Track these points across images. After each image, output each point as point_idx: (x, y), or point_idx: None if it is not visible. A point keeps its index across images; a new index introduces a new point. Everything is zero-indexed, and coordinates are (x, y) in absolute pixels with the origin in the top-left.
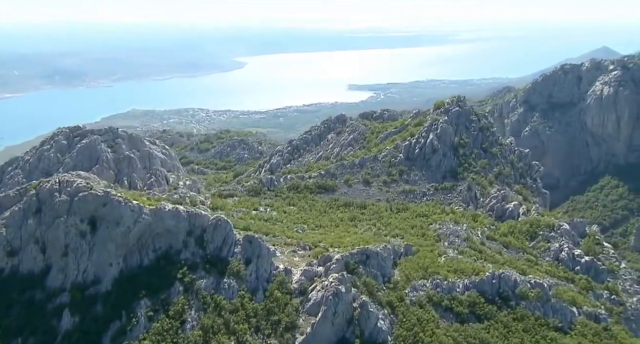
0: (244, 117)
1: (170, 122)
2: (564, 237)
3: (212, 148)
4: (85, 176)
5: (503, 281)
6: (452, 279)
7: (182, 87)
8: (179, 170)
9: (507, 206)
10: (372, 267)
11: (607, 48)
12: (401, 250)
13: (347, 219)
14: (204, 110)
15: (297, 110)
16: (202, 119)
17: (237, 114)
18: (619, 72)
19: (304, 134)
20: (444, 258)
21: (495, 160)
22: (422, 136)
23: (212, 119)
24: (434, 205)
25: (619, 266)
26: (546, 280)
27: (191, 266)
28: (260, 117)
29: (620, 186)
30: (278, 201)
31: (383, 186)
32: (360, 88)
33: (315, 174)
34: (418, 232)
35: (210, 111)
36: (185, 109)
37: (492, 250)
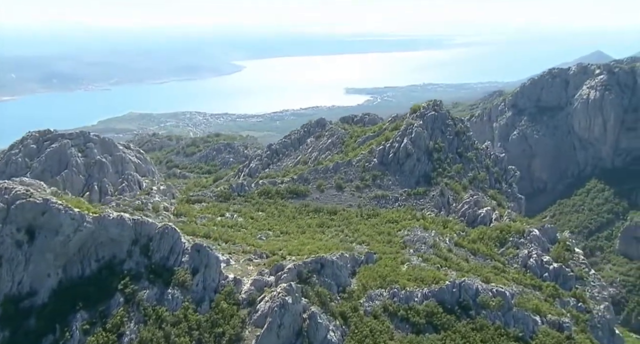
0: (241, 121)
1: (167, 126)
2: (533, 243)
3: (198, 152)
4: (29, 182)
5: (464, 289)
6: (411, 288)
7: (180, 90)
8: (154, 174)
9: (479, 212)
10: (326, 276)
11: (601, 52)
12: (362, 258)
13: (315, 226)
14: (201, 113)
15: (294, 113)
16: (199, 122)
17: (234, 117)
18: (605, 76)
19: (283, 138)
20: (407, 265)
21: (470, 165)
22: (396, 140)
23: (209, 122)
24: (404, 211)
25: (588, 273)
26: (509, 288)
27: (135, 276)
28: (257, 121)
29: (606, 189)
30: (247, 207)
31: (356, 192)
32: (357, 91)
33: (288, 180)
34: (385, 239)
35: (207, 114)
36: (183, 112)
37: (458, 257)
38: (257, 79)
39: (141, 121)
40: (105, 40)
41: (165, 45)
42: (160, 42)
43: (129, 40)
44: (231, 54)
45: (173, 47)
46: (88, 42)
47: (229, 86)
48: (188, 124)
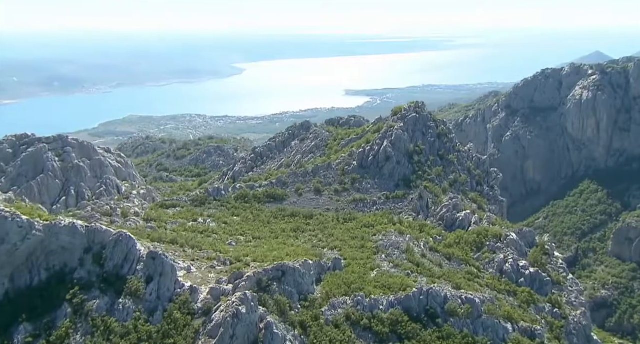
0: (241, 123)
1: (167, 128)
2: (510, 248)
3: (188, 155)
4: None
5: (431, 297)
6: (377, 295)
7: (180, 93)
8: (135, 179)
9: (457, 215)
10: (287, 284)
11: (600, 53)
12: (329, 264)
13: (289, 230)
14: (201, 116)
15: (294, 116)
16: (198, 124)
17: (234, 119)
18: (598, 76)
19: (268, 141)
20: (376, 272)
21: (451, 167)
22: (376, 143)
23: (209, 124)
24: (382, 215)
25: (566, 277)
26: (482, 294)
27: (85, 286)
28: (257, 123)
29: (599, 190)
30: (222, 212)
31: (334, 195)
32: (357, 93)
33: (266, 183)
34: (357, 244)
35: (207, 116)
36: (182, 115)
37: (432, 263)
38: (257, 81)
39: (141, 124)
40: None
41: (165, 48)
42: (161, 45)
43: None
44: (231, 57)
45: (173, 50)
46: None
47: (229, 88)
48: (188, 126)
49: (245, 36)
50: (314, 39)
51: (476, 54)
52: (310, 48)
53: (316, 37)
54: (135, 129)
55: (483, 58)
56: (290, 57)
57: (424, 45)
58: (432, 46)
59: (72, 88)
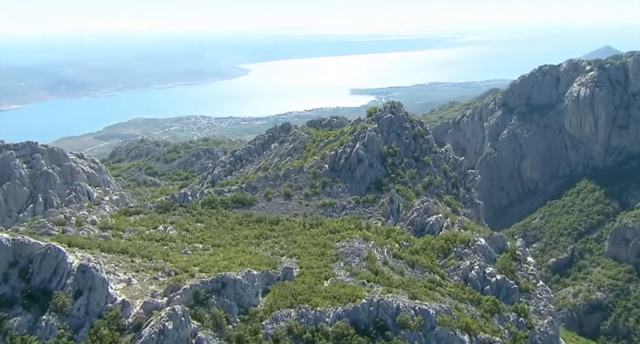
0: (245, 124)
1: (171, 130)
2: (477, 254)
3: (178, 158)
4: None
5: (382, 308)
6: (324, 307)
7: (186, 95)
8: (109, 184)
9: (428, 220)
10: (227, 296)
11: (610, 47)
12: (279, 274)
13: (252, 237)
14: (206, 117)
15: (298, 115)
16: (203, 126)
17: (239, 120)
18: (596, 72)
19: (248, 143)
20: (330, 281)
21: (426, 169)
22: (348, 145)
23: (214, 126)
24: (349, 220)
25: (535, 284)
26: (438, 305)
27: (7, 302)
28: (261, 123)
29: (597, 189)
30: (187, 218)
31: (304, 200)
32: (362, 92)
33: (235, 188)
34: (318, 251)
35: (212, 118)
36: (187, 117)
37: (393, 270)
38: (263, 82)
39: (146, 126)
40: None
41: (171, 50)
42: (166, 48)
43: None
44: (236, 58)
45: (179, 52)
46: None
47: (234, 89)
48: (192, 128)
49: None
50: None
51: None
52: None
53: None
54: (140, 132)
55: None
56: (295, 57)
57: (430, 43)
58: (439, 44)
59: (79, 92)
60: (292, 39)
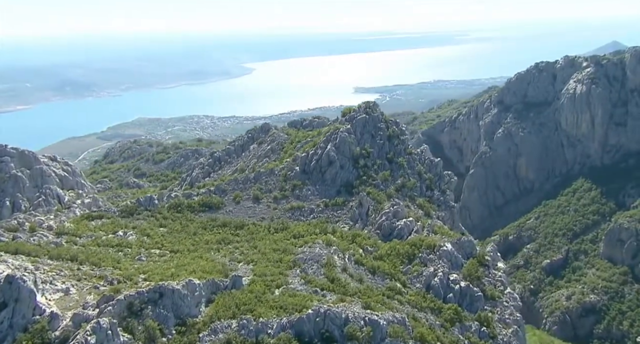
0: (248, 123)
1: (174, 130)
2: (442, 259)
3: (166, 159)
4: None
5: (329, 318)
6: (268, 317)
7: (189, 94)
8: (83, 187)
9: (396, 224)
10: (163, 307)
11: (617, 42)
12: (226, 283)
13: (214, 242)
14: (209, 117)
15: (302, 114)
16: (206, 125)
17: (242, 119)
18: (592, 69)
19: (227, 145)
20: (281, 289)
21: (400, 171)
22: (320, 146)
23: (217, 125)
24: (316, 224)
25: (503, 292)
26: (391, 314)
27: None
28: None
29: (593, 189)
30: (150, 223)
31: (272, 203)
32: (366, 91)
33: (204, 191)
34: (276, 258)
35: (215, 117)
36: (191, 116)
37: (351, 278)
38: (267, 81)
39: (149, 126)
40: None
41: (175, 50)
42: (170, 48)
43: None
44: (240, 57)
45: (183, 52)
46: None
47: (238, 88)
48: (195, 127)
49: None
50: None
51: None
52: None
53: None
54: (143, 132)
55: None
56: (300, 56)
57: (437, 40)
58: (446, 41)
59: (84, 92)
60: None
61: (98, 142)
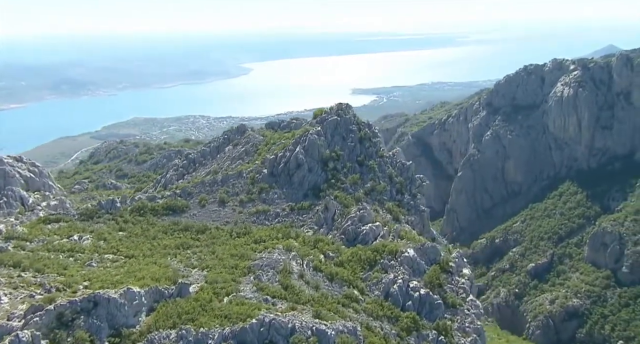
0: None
1: (169, 130)
2: (403, 266)
3: (150, 160)
4: None
5: (274, 328)
6: (210, 327)
7: (187, 94)
8: (51, 189)
9: (362, 229)
10: (96, 317)
11: (613, 46)
12: (171, 290)
13: (173, 247)
14: (205, 117)
15: (298, 115)
16: (202, 126)
17: (238, 120)
18: (579, 72)
19: (202, 146)
20: (231, 297)
21: (370, 174)
22: (289, 149)
23: (212, 125)
24: (279, 228)
25: (465, 299)
26: (342, 324)
27: None
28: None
29: (579, 192)
30: (110, 226)
31: (238, 207)
32: (364, 92)
33: (169, 194)
34: (232, 264)
35: (211, 117)
36: (187, 116)
37: (307, 285)
38: (265, 81)
39: (144, 126)
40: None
41: (172, 50)
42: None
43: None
44: (239, 57)
45: (180, 52)
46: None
47: (236, 89)
48: (191, 128)
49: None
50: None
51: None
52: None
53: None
54: (138, 132)
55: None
56: (298, 56)
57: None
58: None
59: (80, 91)
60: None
61: (92, 141)
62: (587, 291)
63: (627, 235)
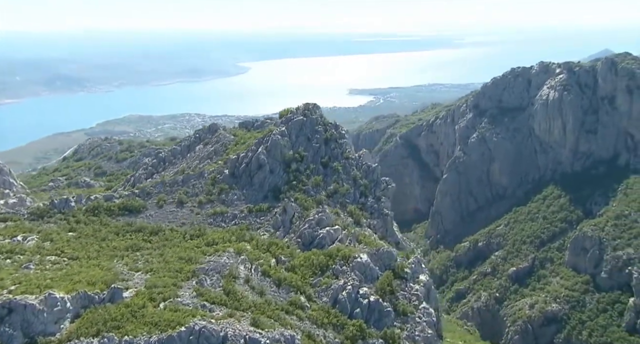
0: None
1: (164, 128)
2: (354, 271)
3: (130, 157)
4: None
5: (203, 337)
6: (136, 335)
7: (184, 92)
8: (11, 186)
9: (319, 232)
10: (10, 325)
11: (609, 50)
12: (102, 296)
13: (122, 249)
14: (200, 115)
15: None
16: (197, 124)
17: (233, 119)
18: (565, 75)
19: (174, 145)
20: (167, 303)
21: (334, 176)
22: (251, 149)
23: (207, 124)
24: (235, 231)
25: (417, 307)
26: (279, 332)
27: None
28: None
29: (562, 196)
30: (61, 226)
31: (196, 207)
32: (360, 92)
33: (127, 193)
34: (178, 267)
35: (206, 116)
36: (182, 114)
37: (252, 290)
38: (262, 80)
39: (139, 123)
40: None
41: (170, 47)
42: (166, 45)
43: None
44: (236, 56)
45: (179, 50)
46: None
47: (233, 87)
48: (186, 125)
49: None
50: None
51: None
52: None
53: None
54: (133, 129)
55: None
56: (296, 56)
57: (433, 44)
58: (442, 44)
59: (75, 87)
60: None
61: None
62: (566, 296)
63: (607, 240)
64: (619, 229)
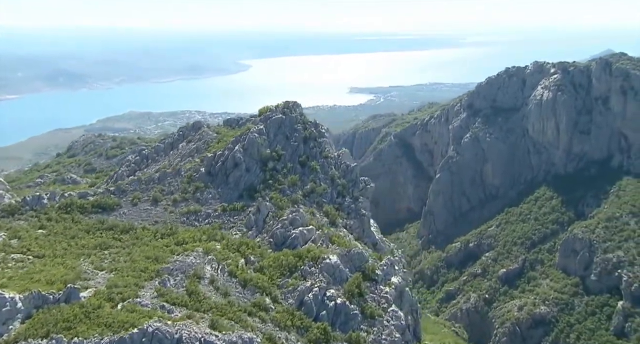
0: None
1: (164, 124)
2: (322, 273)
3: (120, 154)
4: None
5: (157, 339)
6: (87, 336)
7: (185, 89)
8: None
9: (291, 232)
10: None
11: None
12: (57, 296)
13: (90, 247)
14: (200, 112)
15: None
16: None
17: (233, 116)
18: (559, 76)
19: (158, 142)
20: (125, 304)
21: (311, 175)
22: (228, 147)
23: (207, 121)
24: (206, 230)
25: (386, 310)
26: (237, 334)
27: None
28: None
29: (554, 197)
30: (31, 224)
31: (171, 206)
32: (361, 91)
33: (101, 191)
34: (143, 267)
35: (206, 113)
36: (182, 112)
37: (216, 291)
38: (263, 78)
39: (139, 120)
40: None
41: (171, 45)
42: (167, 42)
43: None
44: (237, 54)
45: (180, 47)
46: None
47: (234, 85)
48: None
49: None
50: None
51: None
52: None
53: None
54: (133, 126)
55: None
56: (297, 54)
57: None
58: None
59: (76, 84)
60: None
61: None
62: (555, 299)
63: (597, 242)
64: (610, 231)
